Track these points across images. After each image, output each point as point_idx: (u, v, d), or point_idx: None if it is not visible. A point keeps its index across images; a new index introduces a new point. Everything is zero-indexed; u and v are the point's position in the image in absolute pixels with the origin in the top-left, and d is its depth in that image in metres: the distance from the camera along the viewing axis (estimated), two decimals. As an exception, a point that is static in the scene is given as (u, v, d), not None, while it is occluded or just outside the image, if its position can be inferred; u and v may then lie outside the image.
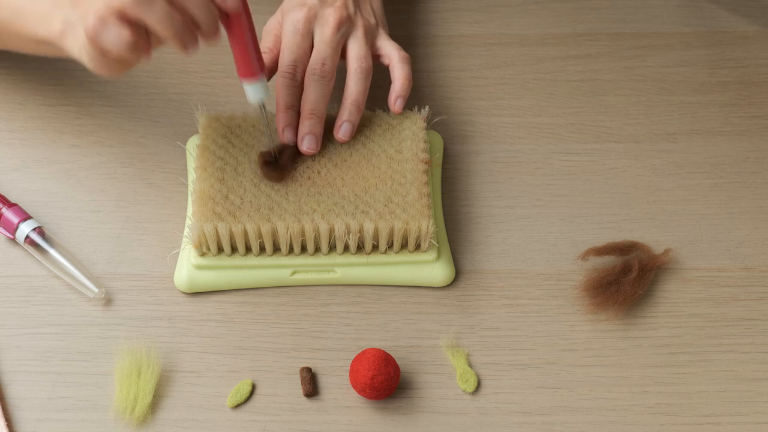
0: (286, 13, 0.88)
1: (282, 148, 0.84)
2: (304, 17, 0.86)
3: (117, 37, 0.70)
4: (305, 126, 0.84)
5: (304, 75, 0.85)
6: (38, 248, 0.83)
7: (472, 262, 0.85)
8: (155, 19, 0.70)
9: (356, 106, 0.85)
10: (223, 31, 0.76)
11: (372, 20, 0.90)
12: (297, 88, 0.85)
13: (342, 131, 0.85)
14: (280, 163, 0.83)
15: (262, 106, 0.82)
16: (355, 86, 0.85)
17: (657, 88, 0.98)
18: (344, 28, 0.87)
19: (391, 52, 0.88)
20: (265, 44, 0.89)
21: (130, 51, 0.71)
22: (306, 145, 0.84)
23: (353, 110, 0.85)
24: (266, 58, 0.87)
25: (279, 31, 0.89)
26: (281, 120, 0.85)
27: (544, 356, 0.80)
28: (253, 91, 0.80)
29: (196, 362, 0.79)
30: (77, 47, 0.74)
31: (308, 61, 0.86)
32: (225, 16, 0.76)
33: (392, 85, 0.87)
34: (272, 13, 0.90)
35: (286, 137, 0.84)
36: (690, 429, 0.76)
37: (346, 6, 0.88)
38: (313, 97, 0.84)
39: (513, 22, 1.04)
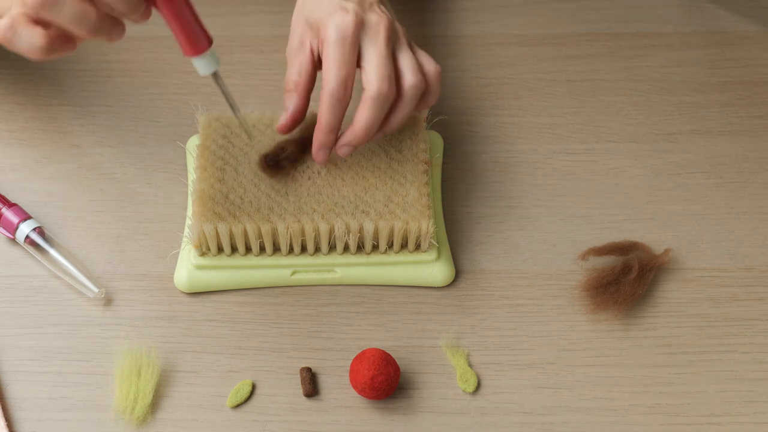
0: (327, 18, 0.77)
1: (283, 148, 0.83)
2: (353, 24, 0.76)
3: (29, 42, 0.68)
4: (350, 145, 0.79)
5: (351, 92, 0.78)
6: (38, 248, 0.83)
7: (472, 262, 0.85)
8: (66, 19, 0.67)
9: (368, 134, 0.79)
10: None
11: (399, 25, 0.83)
12: (345, 108, 0.78)
13: (342, 151, 0.81)
14: (279, 162, 0.83)
15: (215, 75, 0.74)
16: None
17: (657, 88, 0.98)
18: (393, 37, 0.79)
19: (427, 64, 0.81)
20: (291, 75, 0.81)
21: (45, 53, 0.68)
22: (342, 153, 0.80)
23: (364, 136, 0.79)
24: (292, 97, 0.81)
25: (305, 55, 0.81)
26: (320, 140, 0.79)
27: (544, 356, 0.80)
28: (202, 65, 0.73)
29: (196, 362, 0.79)
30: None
31: (354, 76, 0.78)
32: None
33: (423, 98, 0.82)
34: (273, 12, 0.89)
35: (319, 158, 0.81)
36: (690, 429, 0.77)
37: (384, 11, 0.79)
38: (370, 119, 0.77)
39: (513, 22, 1.04)
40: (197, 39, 0.71)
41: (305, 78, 0.81)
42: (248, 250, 0.82)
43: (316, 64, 0.81)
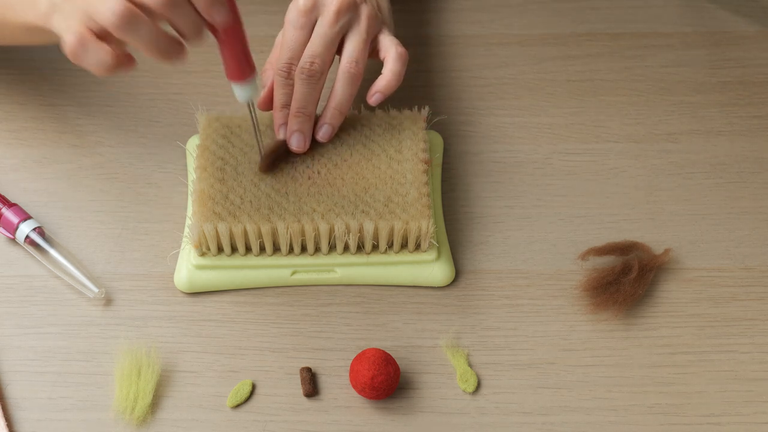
0: (291, 3, 0.84)
1: (278, 145, 0.84)
2: (304, 7, 0.82)
3: (97, 59, 0.69)
4: (293, 124, 0.83)
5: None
6: (38, 248, 0.83)
7: (472, 262, 0.85)
8: (141, 41, 0.69)
9: (339, 111, 0.84)
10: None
11: (378, 12, 0.86)
12: (292, 86, 0.83)
13: (321, 133, 0.84)
14: (270, 156, 0.83)
15: (251, 104, 0.80)
16: (341, 90, 0.83)
17: (657, 88, 0.98)
18: (346, 17, 0.83)
19: (389, 47, 0.85)
20: (272, 57, 0.87)
21: (111, 71, 0.70)
22: (294, 143, 0.83)
23: (335, 114, 0.84)
24: (267, 73, 0.86)
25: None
26: (276, 118, 0.84)
27: (544, 356, 0.80)
28: (241, 91, 0.78)
29: (196, 362, 0.79)
30: (63, 28, 0.71)
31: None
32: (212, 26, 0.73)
33: (378, 78, 0.84)
34: (273, 12, 0.90)
35: (281, 136, 0.84)
36: (690, 429, 0.76)
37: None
38: (300, 96, 0.82)
39: (513, 22, 1.04)
40: (244, 66, 0.76)
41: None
42: (248, 250, 0.82)
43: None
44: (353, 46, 0.83)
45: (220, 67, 0.99)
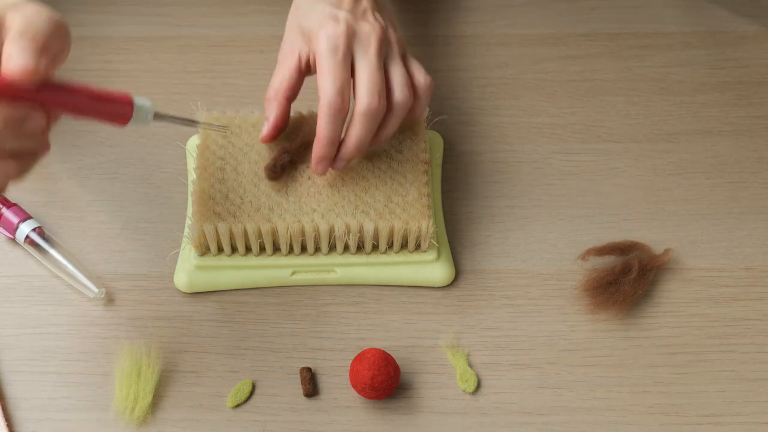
0: (318, 29, 0.78)
1: (280, 156, 0.83)
2: (344, 35, 0.77)
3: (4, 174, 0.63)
4: (340, 163, 0.80)
5: (349, 102, 0.77)
6: (38, 248, 0.83)
7: (472, 262, 0.85)
8: None
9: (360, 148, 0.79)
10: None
11: (397, 33, 0.83)
12: (344, 119, 0.77)
13: (336, 165, 0.81)
14: (276, 169, 0.82)
15: (157, 116, 0.72)
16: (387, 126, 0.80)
17: (657, 88, 0.98)
18: (384, 48, 0.79)
19: (418, 75, 0.81)
20: (274, 82, 0.81)
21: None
22: (336, 167, 0.80)
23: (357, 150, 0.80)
24: (272, 105, 0.81)
25: (292, 62, 0.81)
26: (320, 152, 0.78)
27: (544, 356, 0.80)
28: (141, 120, 0.69)
29: (196, 362, 0.79)
30: None
31: (350, 86, 0.78)
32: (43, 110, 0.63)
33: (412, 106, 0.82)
34: (273, 12, 0.90)
35: (319, 170, 0.80)
36: (690, 429, 0.77)
37: (377, 19, 0.79)
38: (362, 135, 0.77)
39: (513, 22, 1.04)
40: (118, 108, 0.67)
41: (286, 85, 0.81)
42: (248, 250, 0.82)
43: (303, 72, 0.82)
44: (400, 75, 0.79)
45: (220, 67, 1.00)
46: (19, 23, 0.60)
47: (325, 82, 0.76)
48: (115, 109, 0.67)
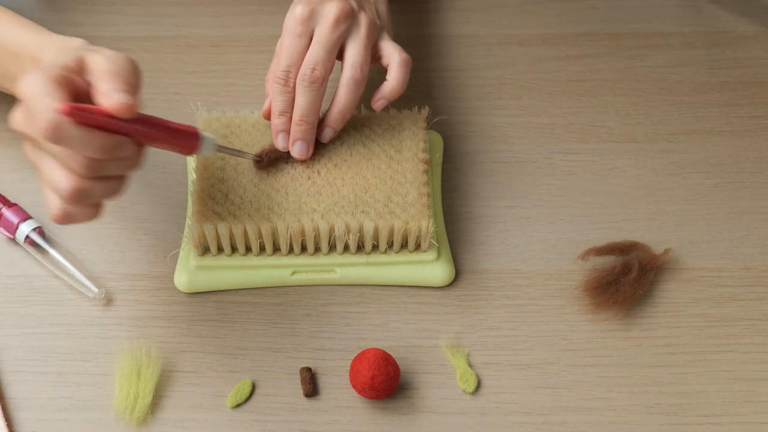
0: (289, 11, 0.84)
1: (271, 150, 0.84)
2: (302, 15, 0.82)
3: (82, 216, 0.70)
4: (296, 133, 0.82)
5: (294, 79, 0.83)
6: (38, 248, 0.83)
7: (472, 262, 0.85)
8: (101, 197, 0.70)
9: (342, 116, 0.83)
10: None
11: (376, 19, 0.87)
12: (290, 93, 0.82)
13: (323, 135, 0.84)
14: (262, 160, 0.83)
15: (221, 148, 0.79)
16: (345, 96, 0.83)
17: (657, 88, 0.98)
18: (345, 24, 0.83)
19: (392, 54, 0.85)
20: (273, 68, 0.86)
21: (95, 216, 0.71)
22: (297, 151, 0.83)
23: (338, 119, 0.83)
24: (270, 86, 0.85)
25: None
26: (274, 126, 0.83)
27: (544, 356, 0.80)
28: (206, 151, 0.75)
29: (196, 362, 0.79)
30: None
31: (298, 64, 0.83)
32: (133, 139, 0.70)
33: (383, 84, 0.85)
34: (273, 12, 0.90)
35: (279, 143, 0.83)
36: (690, 429, 0.77)
37: (348, 2, 0.84)
38: (303, 103, 0.82)
39: (513, 22, 1.04)
40: (186, 140, 0.73)
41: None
42: (248, 250, 0.82)
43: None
44: (355, 51, 0.83)
45: (220, 67, 1.00)
46: (106, 65, 0.68)
47: (279, 57, 0.83)
48: (188, 142, 0.73)
